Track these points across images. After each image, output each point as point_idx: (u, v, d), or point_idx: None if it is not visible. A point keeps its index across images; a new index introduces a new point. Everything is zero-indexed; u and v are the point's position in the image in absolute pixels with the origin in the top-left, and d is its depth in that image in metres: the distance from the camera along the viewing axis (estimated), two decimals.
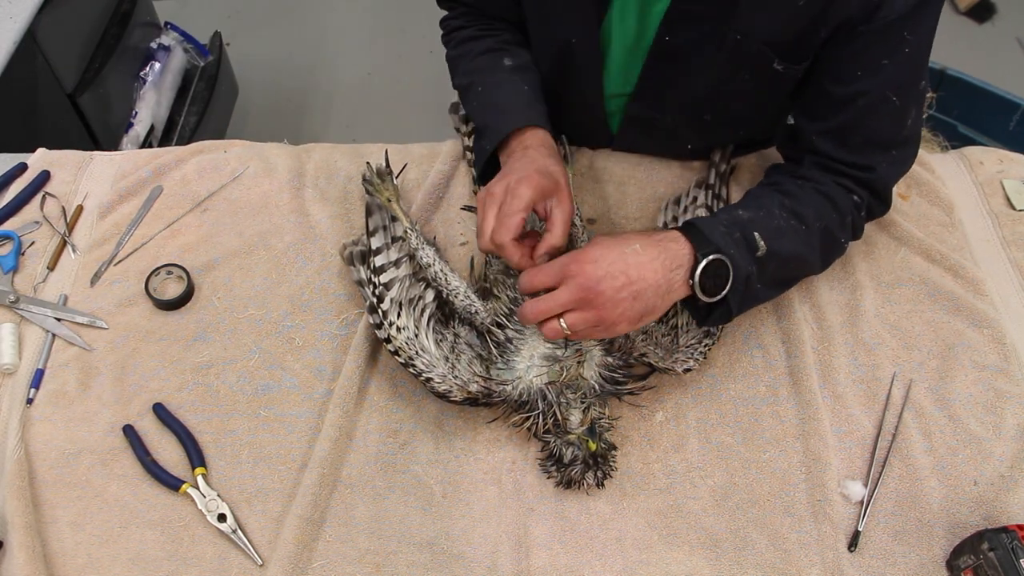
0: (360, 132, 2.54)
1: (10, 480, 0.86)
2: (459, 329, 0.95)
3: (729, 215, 0.89)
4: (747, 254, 0.85)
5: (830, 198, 0.93)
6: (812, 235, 0.91)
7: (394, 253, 1.00)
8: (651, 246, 0.82)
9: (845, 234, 0.95)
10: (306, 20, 2.92)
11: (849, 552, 0.83)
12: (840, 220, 0.93)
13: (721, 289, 0.84)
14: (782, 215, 0.90)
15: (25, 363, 0.96)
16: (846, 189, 0.94)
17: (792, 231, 0.90)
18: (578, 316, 0.80)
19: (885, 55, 0.88)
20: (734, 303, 0.86)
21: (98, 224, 1.10)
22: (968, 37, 2.76)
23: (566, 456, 0.85)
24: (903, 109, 0.91)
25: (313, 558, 0.83)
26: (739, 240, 0.85)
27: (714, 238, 0.84)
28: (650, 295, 0.81)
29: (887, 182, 0.96)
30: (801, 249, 0.91)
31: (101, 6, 1.90)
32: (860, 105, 0.90)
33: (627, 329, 0.82)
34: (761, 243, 0.86)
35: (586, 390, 0.87)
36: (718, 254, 0.83)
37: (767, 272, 0.88)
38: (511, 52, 1.06)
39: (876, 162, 0.93)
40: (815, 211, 0.92)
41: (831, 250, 0.96)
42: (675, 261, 0.82)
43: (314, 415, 0.93)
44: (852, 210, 0.94)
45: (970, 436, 0.90)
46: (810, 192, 0.93)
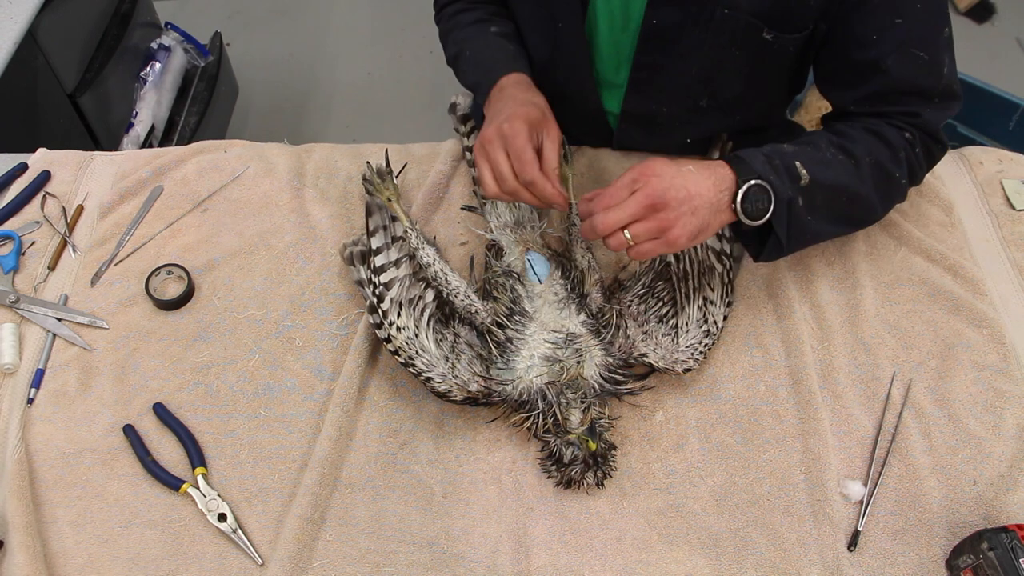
0: (360, 132, 2.55)
1: (10, 480, 0.86)
2: (459, 329, 0.95)
3: (772, 147, 0.91)
4: (788, 181, 0.87)
5: (880, 134, 0.94)
6: (862, 168, 0.92)
7: (394, 253, 1.00)
8: (702, 167, 0.86)
9: (900, 170, 0.95)
10: (306, 20, 2.92)
11: (849, 552, 0.83)
12: (892, 155, 0.94)
13: (764, 214, 0.86)
14: (829, 149, 0.92)
15: (25, 363, 0.96)
16: (896, 127, 0.95)
17: (839, 163, 0.91)
18: (643, 226, 0.82)
19: (896, 13, 0.89)
20: (781, 232, 0.88)
21: (98, 224, 1.10)
22: (968, 37, 2.76)
23: (566, 456, 0.85)
24: (934, 60, 0.91)
25: (313, 558, 0.84)
26: (779, 167, 0.87)
27: (755, 165, 0.86)
28: (705, 211, 0.84)
29: (936, 124, 0.97)
30: (850, 181, 0.91)
31: (101, 6, 1.90)
32: (886, 67, 0.91)
33: (685, 244, 0.84)
34: (803, 172, 0.88)
35: (586, 390, 0.87)
36: (758, 179, 0.85)
37: (815, 203, 0.89)
38: (497, 22, 1.09)
39: (920, 108, 0.94)
40: (864, 146, 0.93)
41: (888, 187, 0.96)
42: (723, 183, 0.86)
43: (314, 415, 0.93)
44: (905, 145, 0.95)
45: (970, 436, 0.90)
46: (859, 130, 0.95)
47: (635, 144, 1.15)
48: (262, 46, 2.80)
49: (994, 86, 1.56)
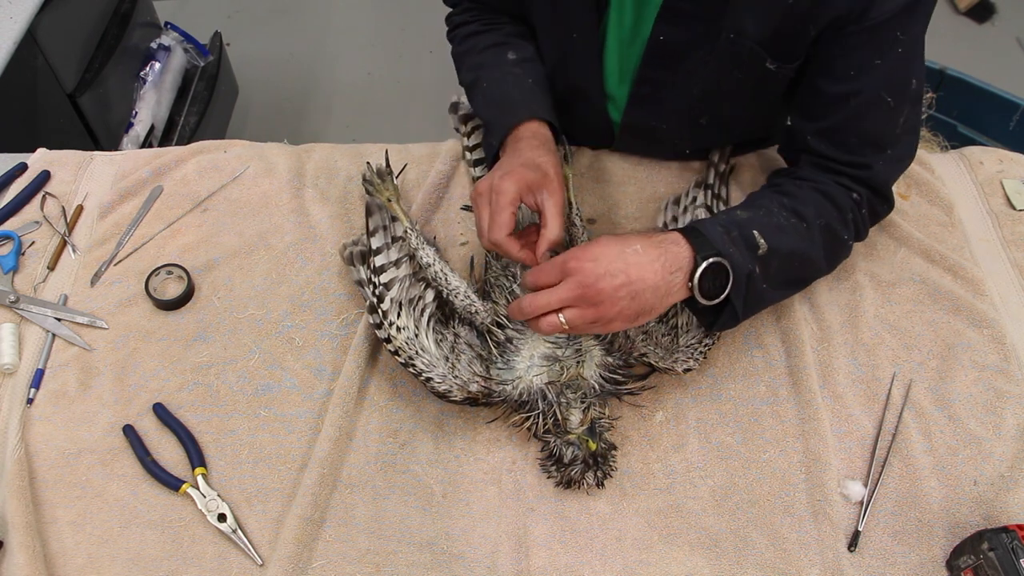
0: (360, 132, 2.54)
1: (10, 480, 0.86)
2: (459, 329, 0.95)
3: (728, 216, 0.89)
4: (747, 252, 0.85)
5: (829, 196, 0.93)
6: (813, 232, 0.91)
7: (394, 253, 1.00)
8: (652, 247, 0.82)
9: (848, 231, 0.94)
10: (306, 20, 2.92)
11: (849, 552, 0.83)
12: (841, 217, 0.93)
13: (721, 291, 0.84)
14: (781, 213, 0.90)
15: (25, 363, 0.96)
16: (844, 187, 0.94)
17: (792, 228, 0.90)
18: (576, 313, 0.80)
19: (877, 55, 0.88)
20: (738, 304, 0.86)
21: (98, 224, 1.10)
22: (968, 37, 2.76)
23: (566, 456, 0.85)
24: (896, 108, 0.91)
25: (313, 558, 0.83)
26: (737, 239, 0.85)
27: (714, 240, 0.84)
28: (648, 295, 0.81)
29: (885, 179, 0.96)
30: (803, 246, 0.90)
31: (101, 6, 1.90)
32: (853, 105, 0.90)
33: (623, 327, 0.83)
34: (761, 241, 0.86)
35: (586, 390, 0.87)
36: (717, 257, 0.83)
37: (771, 271, 0.88)
38: (515, 45, 1.06)
39: (872, 160, 0.93)
40: (815, 208, 0.91)
41: (835, 248, 0.95)
42: (675, 263, 0.82)
43: (314, 415, 0.93)
44: (852, 207, 0.94)
45: (970, 436, 0.90)
46: (808, 191, 0.93)
47: (634, 151, 1.15)
48: (262, 46, 2.80)
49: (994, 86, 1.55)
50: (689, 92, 1.00)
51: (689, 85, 0.99)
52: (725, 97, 1.00)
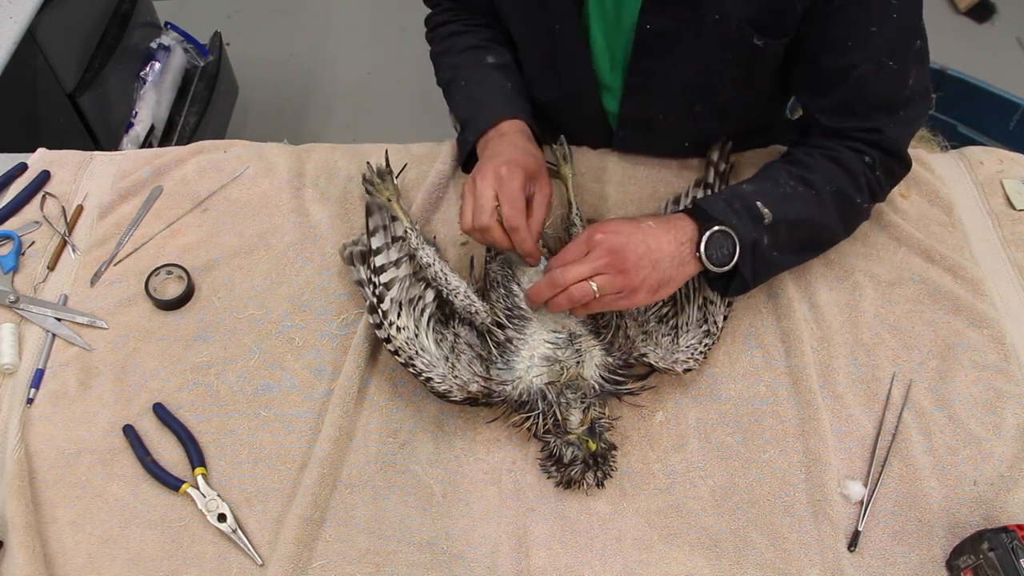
0: (360, 132, 2.54)
1: (10, 480, 0.86)
2: (459, 329, 0.95)
3: (731, 190, 0.93)
4: (750, 223, 0.89)
5: (839, 160, 0.94)
6: (823, 198, 0.93)
7: (394, 253, 1.00)
8: (662, 222, 0.88)
9: (861, 195, 0.95)
10: (306, 20, 2.92)
11: (849, 552, 0.83)
12: (853, 181, 0.94)
13: (730, 259, 0.88)
14: (788, 183, 0.93)
15: (25, 363, 0.96)
16: (855, 151, 0.95)
17: (800, 197, 0.92)
18: (606, 279, 0.83)
19: (872, 22, 0.89)
20: (747, 272, 0.90)
21: (98, 224, 1.10)
22: (968, 37, 2.76)
23: (566, 456, 0.85)
24: (901, 71, 0.92)
25: (313, 558, 0.83)
26: (740, 210, 0.89)
27: (715, 212, 0.88)
28: (667, 264, 0.86)
29: (898, 140, 0.96)
30: (812, 212, 0.93)
31: (101, 6, 1.90)
32: (856, 76, 0.91)
33: (647, 298, 0.86)
34: (765, 210, 0.90)
35: (586, 390, 0.87)
36: (720, 226, 0.87)
37: (781, 239, 0.91)
38: (494, 50, 1.08)
39: (883, 124, 0.94)
40: (823, 175, 0.94)
41: (849, 212, 0.97)
42: (684, 235, 0.87)
43: (314, 415, 0.93)
44: (864, 170, 0.95)
45: (970, 436, 0.90)
46: (818, 158, 0.95)
47: (634, 148, 1.15)
48: (262, 46, 2.80)
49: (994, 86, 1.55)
50: (682, 79, 1.01)
51: (681, 72, 1.00)
52: (718, 82, 1.01)
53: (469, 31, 1.10)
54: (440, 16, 1.14)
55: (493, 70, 1.06)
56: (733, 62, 0.97)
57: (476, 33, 1.10)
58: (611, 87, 1.07)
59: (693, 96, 1.03)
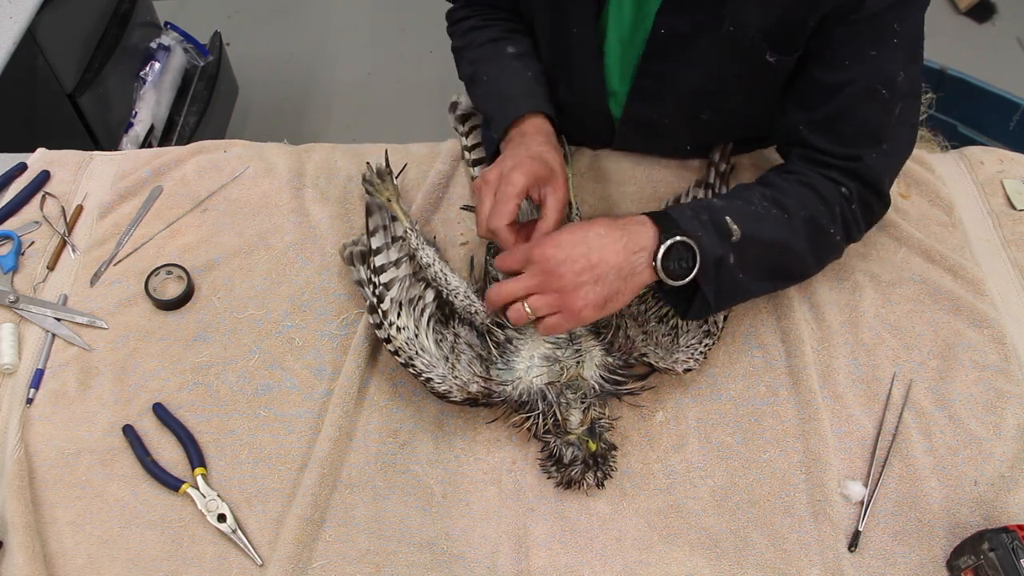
0: (360, 132, 2.54)
1: (10, 480, 0.86)
2: (459, 329, 0.95)
3: (700, 202, 0.91)
4: (716, 237, 0.84)
5: (814, 188, 0.91)
6: (795, 223, 0.89)
7: (394, 253, 1.00)
8: (615, 229, 0.83)
9: (835, 226, 0.92)
10: (306, 20, 2.92)
11: (849, 552, 0.83)
12: (827, 211, 0.91)
13: (688, 273, 0.83)
14: (761, 203, 0.89)
15: (25, 363, 0.96)
16: (833, 181, 0.92)
17: (772, 218, 0.88)
18: (540, 300, 0.82)
19: (873, 45, 0.88)
20: (708, 290, 0.85)
21: (98, 224, 1.10)
22: (968, 37, 2.75)
23: (566, 456, 0.85)
24: (891, 99, 0.90)
25: (313, 558, 0.83)
26: (707, 223, 0.84)
27: (680, 221, 0.83)
28: (612, 278, 0.81)
29: (878, 173, 0.93)
30: (783, 236, 0.89)
31: (101, 6, 1.90)
32: (847, 94, 0.90)
33: (592, 315, 0.82)
34: (734, 227, 0.85)
35: (586, 390, 0.87)
36: (683, 236, 0.82)
37: (748, 260, 0.86)
38: (514, 40, 1.07)
39: (863, 152, 0.92)
40: (798, 200, 0.90)
41: (821, 242, 0.92)
42: (638, 244, 0.82)
43: (314, 415, 0.93)
44: (840, 201, 0.92)
45: (970, 436, 0.90)
46: (794, 183, 0.92)
47: (634, 147, 1.15)
48: (262, 46, 2.79)
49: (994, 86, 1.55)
50: (690, 86, 1.00)
51: (690, 79, 0.99)
52: (726, 92, 1.00)
53: (488, 25, 1.09)
54: (461, 11, 1.13)
55: (513, 60, 1.05)
56: (742, 75, 0.96)
57: (496, 26, 1.09)
58: (617, 93, 1.07)
59: (699, 103, 1.03)
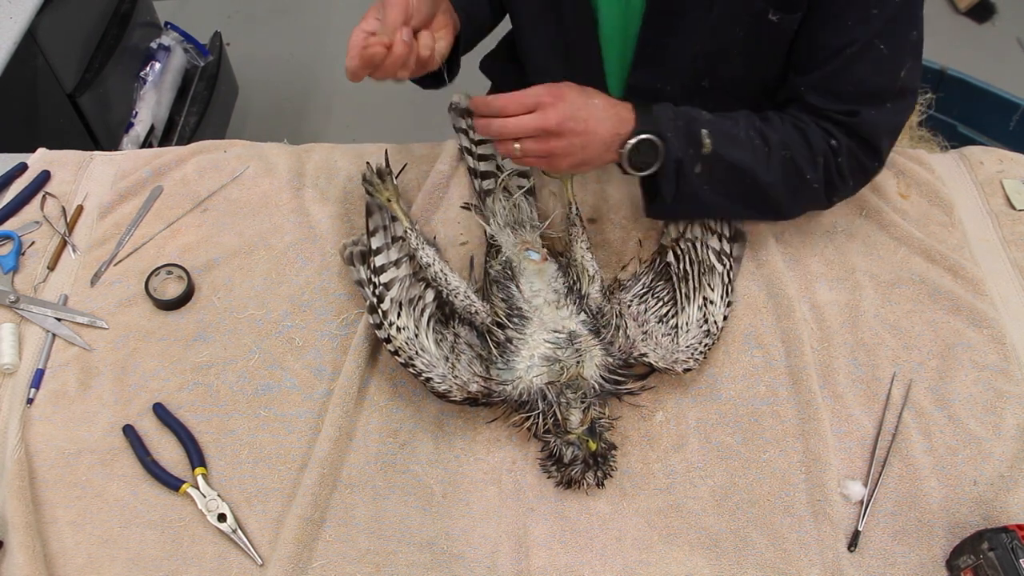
0: (360, 132, 2.54)
1: (10, 480, 0.86)
2: (459, 329, 0.95)
3: (687, 109, 0.94)
4: (685, 143, 0.90)
5: (803, 132, 0.95)
6: (773, 157, 0.94)
7: (394, 253, 1.00)
8: (608, 105, 0.90)
9: (814, 172, 0.95)
10: (306, 20, 2.92)
11: (849, 552, 0.83)
12: (810, 156, 0.94)
13: (649, 167, 0.90)
14: (747, 130, 0.94)
15: (25, 363, 0.96)
16: (825, 131, 0.95)
17: (750, 145, 0.93)
18: (533, 144, 0.87)
19: (873, 4, 0.89)
20: (667, 188, 0.92)
21: (98, 224, 1.10)
22: (968, 37, 2.75)
23: (566, 456, 0.85)
24: (893, 59, 0.92)
25: (313, 558, 0.84)
26: (681, 128, 0.90)
27: (658, 119, 0.90)
28: (596, 147, 0.88)
29: (873, 129, 0.95)
30: (755, 165, 0.93)
31: (101, 6, 1.90)
32: (847, 54, 0.92)
33: (566, 170, 0.91)
34: (707, 140, 0.91)
35: (586, 390, 0.87)
36: (652, 135, 0.89)
37: (712, 175, 0.93)
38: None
39: (863, 108, 0.94)
40: (783, 138, 0.94)
41: (798, 185, 0.96)
42: (621, 125, 0.89)
43: (314, 415, 0.93)
44: (827, 151, 0.95)
45: (970, 436, 0.90)
46: (787, 123, 0.96)
47: None
48: (262, 46, 2.80)
49: (994, 86, 1.56)
50: (690, 50, 1.01)
51: (690, 43, 1.00)
52: (727, 56, 1.01)
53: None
54: None
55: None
56: (742, 37, 0.97)
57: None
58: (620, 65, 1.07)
59: (701, 70, 1.03)
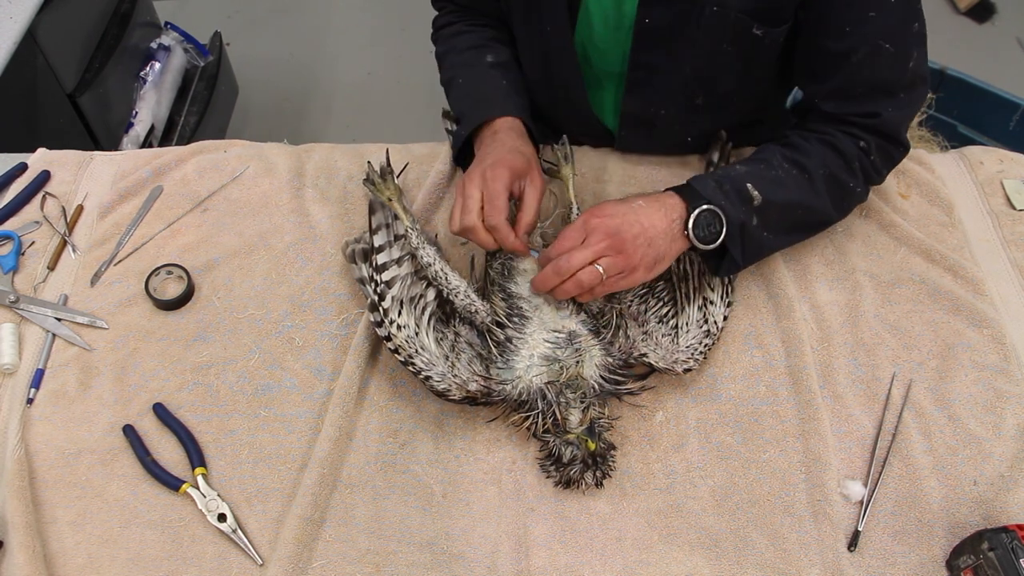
0: (360, 132, 2.54)
1: (10, 480, 0.86)
2: (460, 328, 0.95)
3: (724, 171, 0.95)
4: (739, 203, 0.92)
5: (833, 145, 0.97)
6: (816, 182, 0.96)
7: (396, 251, 1.00)
8: (652, 200, 0.91)
9: (855, 179, 0.98)
10: (306, 20, 2.92)
11: (849, 552, 0.83)
12: (846, 165, 0.97)
13: (717, 238, 0.91)
14: (782, 165, 0.96)
15: (25, 363, 0.96)
16: (851, 136, 0.97)
17: (792, 179, 0.95)
18: (608, 261, 0.86)
19: (870, 7, 0.90)
20: (736, 252, 0.93)
21: (98, 224, 1.10)
22: (968, 37, 2.76)
23: (565, 456, 0.85)
24: (901, 54, 0.93)
25: (313, 558, 0.84)
26: (730, 192, 0.92)
27: (705, 192, 0.91)
28: (661, 241, 0.89)
29: (896, 125, 0.98)
30: (803, 196, 0.95)
31: (101, 6, 1.90)
32: (855, 61, 0.93)
33: (644, 276, 0.89)
34: (755, 193, 0.92)
35: (586, 390, 0.87)
36: (708, 205, 0.90)
37: (770, 220, 0.94)
38: (494, 49, 1.10)
39: (881, 107, 0.96)
40: (818, 159, 0.96)
41: (842, 196, 0.99)
42: (673, 212, 0.90)
43: (314, 415, 0.93)
44: (859, 155, 0.97)
45: (970, 436, 0.90)
46: (813, 142, 0.97)
47: (636, 147, 1.15)
48: (262, 46, 2.80)
49: (994, 86, 1.56)
50: (683, 71, 1.01)
51: (681, 65, 1.00)
52: (719, 73, 1.02)
53: (472, 31, 1.12)
54: (445, 17, 1.16)
55: (491, 68, 1.08)
56: (733, 53, 0.98)
57: (478, 32, 1.12)
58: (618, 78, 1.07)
59: (694, 88, 1.04)
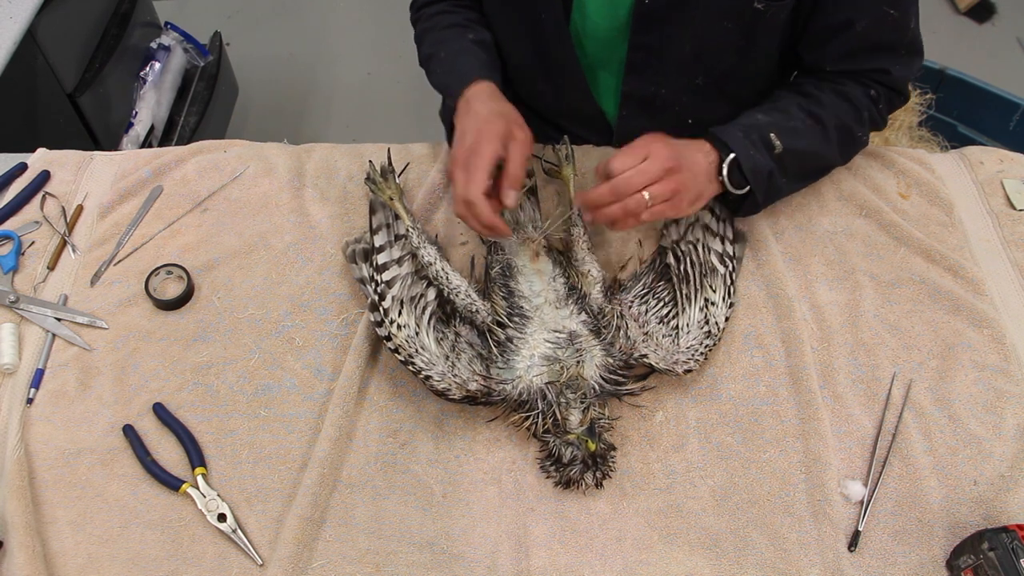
0: (360, 132, 2.55)
1: (10, 480, 0.86)
2: (460, 328, 0.95)
3: (748, 121, 0.97)
4: (766, 153, 0.96)
5: (846, 96, 1.01)
6: (828, 132, 1.00)
7: (397, 251, 1.00)
8: (690, 142, 0.95)
9: (862, 128, 1.03)
10: (306, 20, 2.92)
11: (849, 552, 0.83)
12: (857, 116, 1.01)
13: (744, 183, 0.95)
14: (799, 115, 0.99)
15: (25, 363, 0.96)
16: (863, 85, 1.02)
17: (808, 130, 0.99)
18: (659, 187, 0.87)
19: None
20: (760, 195, 0.98)
21: (98, 224, 1.10)
22: (968, 37, 2.76)
23: (565, 456, 0.85)
24: (903, 16, 0.96)
25: (313, 558, 0.84)
26: (756, 142, 0.95)
27: (734, 144, 0.94)
28: (702, 178, 0.93)
29: (903, 81, 1.03)
30: (817, 147, 1.01)
31: (101, 6, 1.90)
32: (859, 30, 0.96)
33: (688, 208, 0.92)
34: (777, 142, 0.96)
35: (586, 390, 0.87)
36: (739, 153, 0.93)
37: (786, 167, 0.98)
38: (474, 29, 1.10)
39: (889, 65, 1.00)
40: (832, 109, 1.00)
41: (848, 144, 1.04)
42: (711, 155, 0.95)
43: (314, 415, 0.93)
44: (869, 105, 1.02)
45: (970, 436, 0.90)
46: (828, 92, 1.01)
47: (637, 132, 1.15)
48: (262, 46, 2.80)
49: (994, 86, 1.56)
50: (682, 50, 1.02)
51: (681, 43, 1.01)
52: (719, 51, 1.03)
53: (454, 11, 1.13)
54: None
55: (472, 44, 1.08)
56: (733, 30, 0.99)
57: (460, 13, 1.12)
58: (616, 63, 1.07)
59: (694, 68, 1.04)
